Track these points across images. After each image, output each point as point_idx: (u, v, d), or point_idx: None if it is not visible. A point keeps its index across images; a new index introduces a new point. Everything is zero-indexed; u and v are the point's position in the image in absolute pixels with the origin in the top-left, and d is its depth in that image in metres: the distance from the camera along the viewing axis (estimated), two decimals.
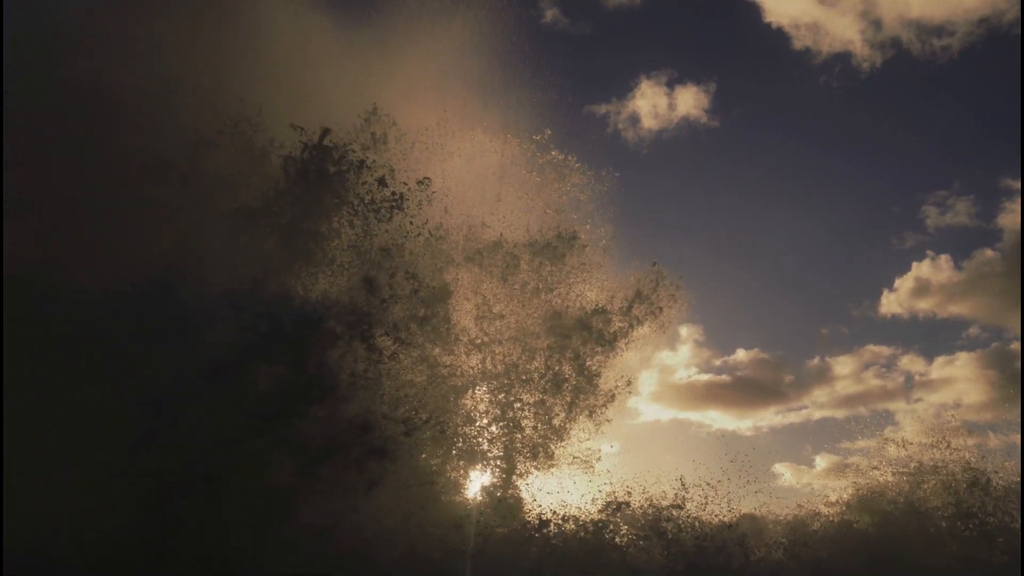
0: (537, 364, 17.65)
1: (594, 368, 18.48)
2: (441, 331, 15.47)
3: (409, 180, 15.15)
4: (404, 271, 13.81)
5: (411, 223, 14.97)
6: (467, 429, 16.50)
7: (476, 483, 16.06)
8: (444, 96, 19.12)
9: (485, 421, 16.85)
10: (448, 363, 15.95)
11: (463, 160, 17.81)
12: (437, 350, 15.28)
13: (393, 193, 14.10)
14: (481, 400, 16.54)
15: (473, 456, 16.16)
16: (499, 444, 16.73)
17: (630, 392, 19.62)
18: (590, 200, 19.58)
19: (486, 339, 16.75)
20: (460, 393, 16.28)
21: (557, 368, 17.90)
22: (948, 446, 16.92)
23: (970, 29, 23.91)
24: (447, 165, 17.62)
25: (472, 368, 16.51)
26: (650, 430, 16.26)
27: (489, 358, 16.84)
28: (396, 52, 18.91)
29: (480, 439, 16.51)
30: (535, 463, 16.91)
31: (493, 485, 16.20)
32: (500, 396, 16.96)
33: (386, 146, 15.46)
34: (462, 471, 16.13)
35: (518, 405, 17.20)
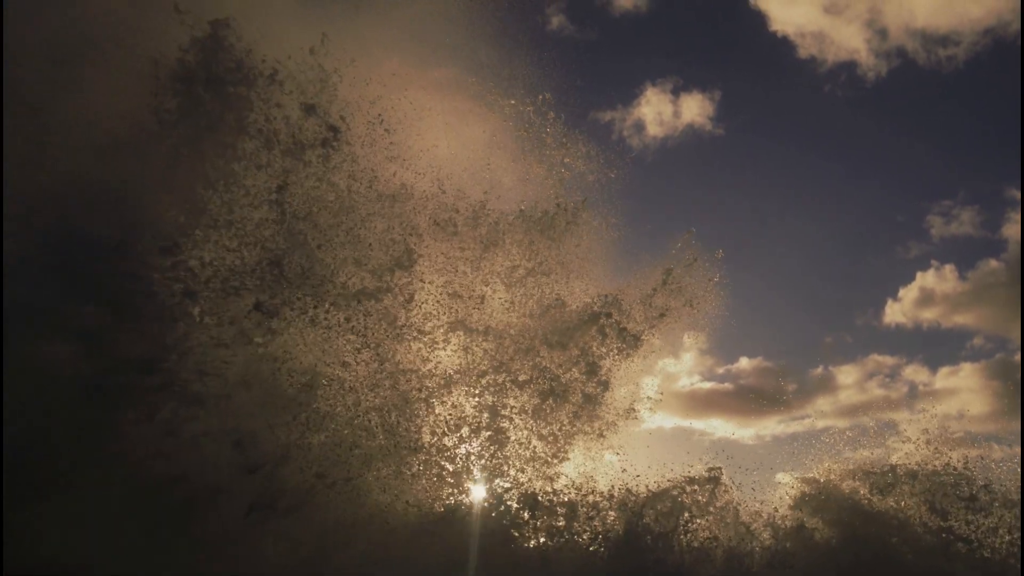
0: (529, 362, 14.25)
1: (604, 372, 15.03)
2: (399, 312, 12.26)
3: (353, 117, 12.20)
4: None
5: (354, 179, 11.96)
6: (444, 442, 13.12)
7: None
8: (424, 55, 16.30)
9: (466, 431, 13.44)
10: (411, 359, 12.67)
11: (443, 117, 14.79)
12: (387, 337, 11.99)
13: (330, 129, 11.09)
14: (455, 405, 13.12)
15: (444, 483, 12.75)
16: (482, 461, 13.34)
17: (651, 409, 15.91)
18: (596, 183, 16.23)
19: (464, 327, 13.42)
20: (432, 395, 12.93)
21: (557, 368, 14.49)
22: (935, 451, 15.07)
23: (976, 39, 23.82)
24: (421, 125, 14.62)
25: (444, 364, 13.17)
26: (652, 438, 14.69)
27: (468, 351, 13.49)
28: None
29: (455, 454, 13.11)
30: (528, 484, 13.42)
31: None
32: (487, 397, 13.55)
33: (338, 91, 12.60)
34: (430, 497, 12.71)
35: (506, 412, 13.78)
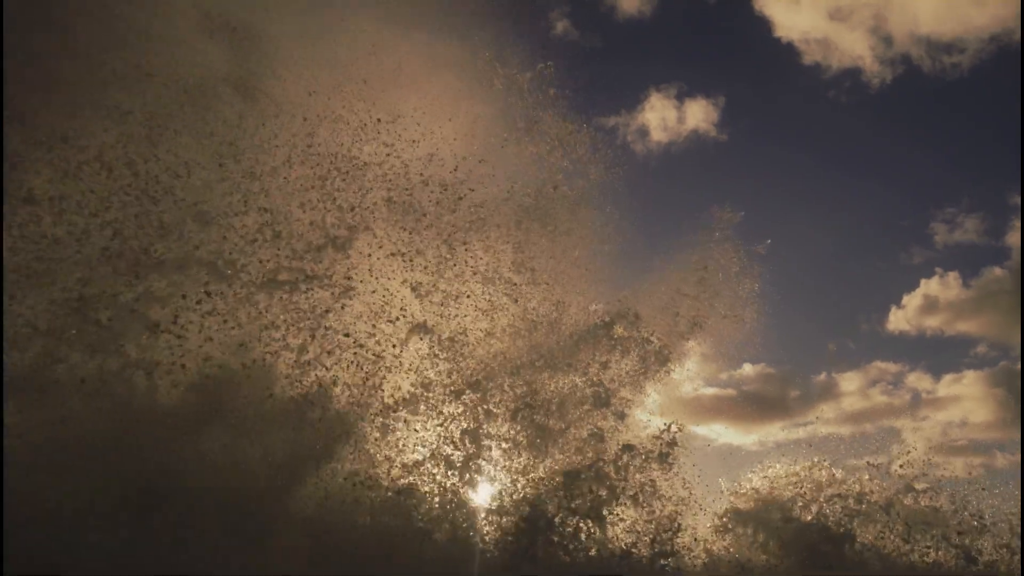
0: (519, 384, 11.11)
1: (619, 399, 11.79)
2: (334, 307, 9.31)
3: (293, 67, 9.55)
4: None
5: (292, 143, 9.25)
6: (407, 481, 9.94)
7: None
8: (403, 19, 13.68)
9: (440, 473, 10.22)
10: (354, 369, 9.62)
11: (417, 76, 11.97)
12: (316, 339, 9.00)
13: (232, 29, 8.40)
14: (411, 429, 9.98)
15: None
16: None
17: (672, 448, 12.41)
18: (599, 182, 13.16)
19: (427, 333, 10.37)
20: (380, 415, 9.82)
21: (558, 391, 11.34)
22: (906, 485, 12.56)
23: (980, 46, 24.22)
24: (390, 90, 11.87)
25: (400, 379, 10.10)
26: (655, 443, 11.01)
27: (433, 365, 10.40)
28: None
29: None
30: None
31: None
32: (460, 423, 10.39)
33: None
34: None
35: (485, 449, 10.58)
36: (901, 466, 12.48)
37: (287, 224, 8.98)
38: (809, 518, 12.04)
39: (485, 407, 10.49)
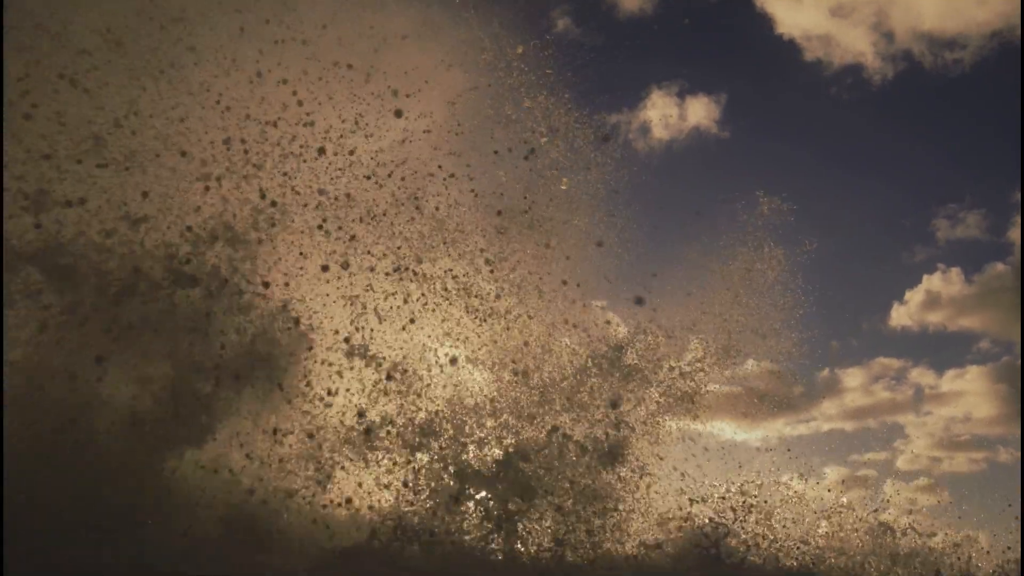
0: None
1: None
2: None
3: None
4: None
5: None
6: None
7: None
8: None
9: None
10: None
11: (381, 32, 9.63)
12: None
13: None
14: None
15: None
16: None
17: None
18: (603, 179, 10.63)
19: (366, 357, 7.88)
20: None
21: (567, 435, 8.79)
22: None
23: (983, 43, 23.19)
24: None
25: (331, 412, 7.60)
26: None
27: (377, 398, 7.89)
28: None
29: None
30: None
31: None
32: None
33: None
34: None
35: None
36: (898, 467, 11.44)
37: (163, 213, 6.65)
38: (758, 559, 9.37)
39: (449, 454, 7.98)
